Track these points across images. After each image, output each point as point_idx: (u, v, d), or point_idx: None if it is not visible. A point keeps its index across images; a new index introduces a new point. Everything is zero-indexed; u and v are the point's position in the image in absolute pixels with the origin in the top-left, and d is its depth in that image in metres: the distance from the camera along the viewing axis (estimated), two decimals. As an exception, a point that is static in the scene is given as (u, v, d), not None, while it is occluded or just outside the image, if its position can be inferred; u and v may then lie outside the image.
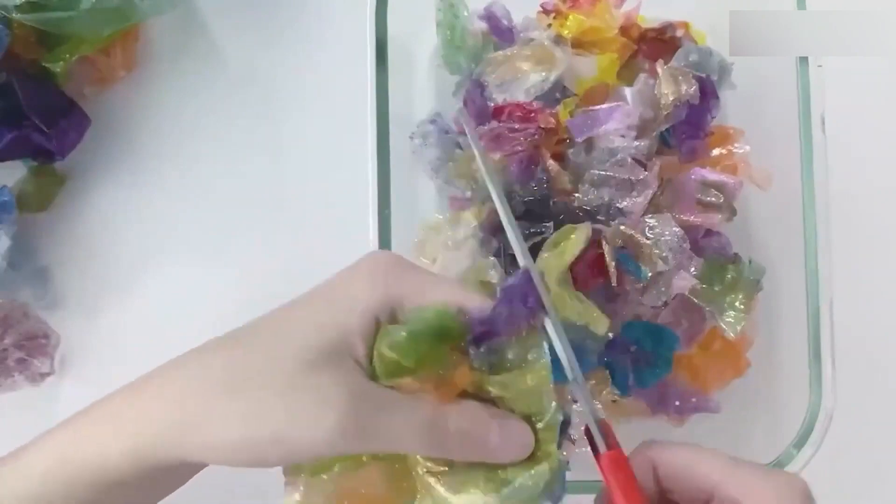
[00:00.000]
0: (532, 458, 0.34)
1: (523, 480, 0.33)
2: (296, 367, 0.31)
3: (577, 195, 0.49)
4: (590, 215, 0.48)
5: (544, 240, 0.45)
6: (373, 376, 0.33)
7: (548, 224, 0.47)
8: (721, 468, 0.33)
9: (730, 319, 0.49)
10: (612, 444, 0.35)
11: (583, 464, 0.37)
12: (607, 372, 0.49)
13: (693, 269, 0.48)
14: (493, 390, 0.34)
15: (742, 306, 0.49)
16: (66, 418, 0.35)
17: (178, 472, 0.34)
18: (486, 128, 0.48)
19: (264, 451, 0.31)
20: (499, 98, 0.49)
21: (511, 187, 0.48)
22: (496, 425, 0.33)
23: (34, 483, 0.33)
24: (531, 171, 0.48)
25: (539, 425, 0.34)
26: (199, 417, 0.32)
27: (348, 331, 0.32)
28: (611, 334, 0.49)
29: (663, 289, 0.47)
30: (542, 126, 0.47)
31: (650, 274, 0.46)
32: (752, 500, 0.32)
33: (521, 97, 0.49)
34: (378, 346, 0.33)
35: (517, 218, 0.44)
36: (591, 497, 0.37)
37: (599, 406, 0.49)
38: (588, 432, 0.35)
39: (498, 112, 0.48)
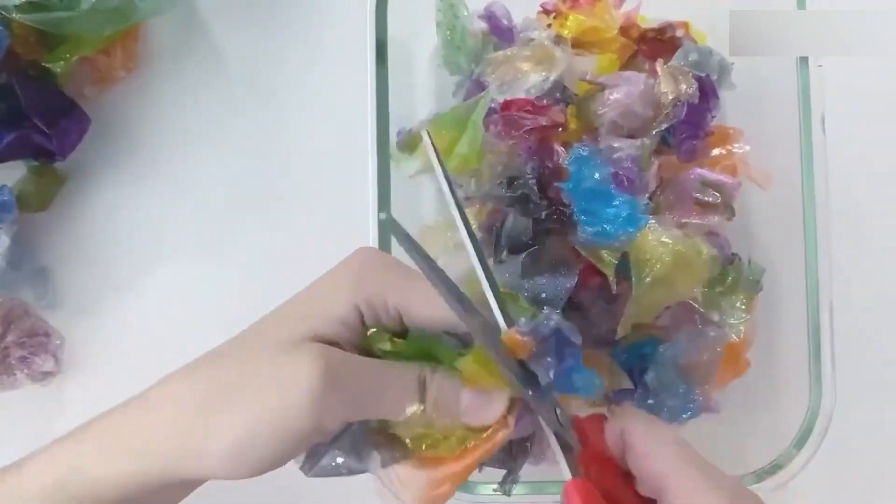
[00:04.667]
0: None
1: None
2: (274, 354, 0.33)
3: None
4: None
5: (557, 216, 0.46)
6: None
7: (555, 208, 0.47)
8: (672, 466, 0.33)
9: (731, 320, 0.49)
10: (579, 466, 0.34)
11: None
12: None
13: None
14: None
15: (742, 306, 0.49)
16: (65, 434, 0.35)
17: (183, 487, 0.35)
18: (497, 115, 0.48)
19: (264, 451, 0.32)
20: (499, 98, 0.49)
21: (520, 172, 0.48)
22: (465, 394, 0.34)
23: (36, 502, 0.33)
24: (541, 156, 0.48)
25: None
26: (196, 437, 0.32)
27: (329, 317, 0.34)
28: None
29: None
30: (554, 118, 0.47)
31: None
32: None
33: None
34: None
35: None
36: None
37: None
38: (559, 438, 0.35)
39: (507, 106, 0.48)
